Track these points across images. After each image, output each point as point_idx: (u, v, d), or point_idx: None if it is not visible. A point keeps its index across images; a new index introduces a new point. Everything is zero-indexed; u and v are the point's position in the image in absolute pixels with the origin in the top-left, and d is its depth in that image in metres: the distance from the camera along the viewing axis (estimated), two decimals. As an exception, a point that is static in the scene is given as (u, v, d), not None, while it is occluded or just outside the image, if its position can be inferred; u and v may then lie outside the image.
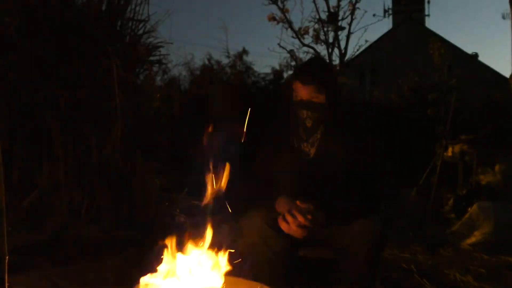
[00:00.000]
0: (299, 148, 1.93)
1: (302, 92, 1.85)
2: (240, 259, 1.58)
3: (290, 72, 7.80)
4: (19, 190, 2.55)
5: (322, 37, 7.53)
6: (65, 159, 2.63)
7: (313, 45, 7.64)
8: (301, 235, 1.71)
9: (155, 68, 3.56)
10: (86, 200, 2.67)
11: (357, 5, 7.37)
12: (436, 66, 5.37)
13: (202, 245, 1.39)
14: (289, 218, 1.71)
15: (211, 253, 1.38)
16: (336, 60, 7.63)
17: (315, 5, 7.45)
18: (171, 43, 3.24)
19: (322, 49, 7.69)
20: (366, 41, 8.02)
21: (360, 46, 7.85)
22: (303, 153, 1.92)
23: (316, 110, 1.85)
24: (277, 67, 7.86)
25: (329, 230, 1.79)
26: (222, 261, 1.38)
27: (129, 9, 3.00)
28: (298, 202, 1.72)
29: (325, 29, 7.49)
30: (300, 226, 1.69)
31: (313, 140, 1.91)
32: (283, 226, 1.73)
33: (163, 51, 3.22)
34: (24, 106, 2.60)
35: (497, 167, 4.46)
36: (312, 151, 1.91)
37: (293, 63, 7.90)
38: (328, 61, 7.12)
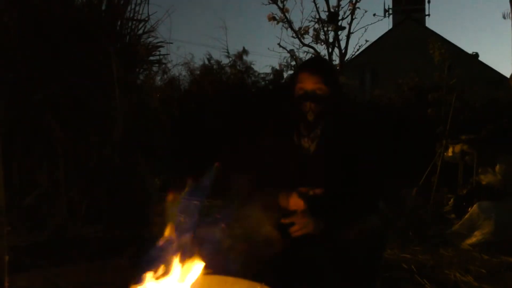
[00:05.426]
0: (299, 144, 1.93)
1: (308, 81, 1.85)
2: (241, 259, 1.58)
3: (290, 72, 7.80)
4: (19, 190, 2.55)
5: (322, 37, 7.54)
6: (65, 158, 2.63)
7: (313, 45, 7.65)
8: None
9: (155, 68, 3.56)
10: (86, 200, 2.67)
11: (357, 5, 7.39)
12: (436, 65, 5.37)
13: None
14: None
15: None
16: (336, 60, 7.63)
17: (315, 5, 7.47)
18: (171, 43, 3.24)
19: (322, 49, 7.70)
20: (366, 41, 8.04)
21: (360, 46, 7.87)
22: (303, 149, 1.92)
23: (319, 103, 1.85)
24: (277, 67, 7.85)
25: (329, 231, 1.79)
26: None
27: (129, 9, 2.99)
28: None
29: (325, 29, 7.50)
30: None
31: (313, 136, 1.91)
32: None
33: (163, 51, 3.22)
34: (24, 106, 2.60)
35: (497, 167, 4.46)
36: (312, 147, 1.91)
37: (293, 63, 7.91)
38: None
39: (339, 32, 7.57)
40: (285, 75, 7.80)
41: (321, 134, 1.90)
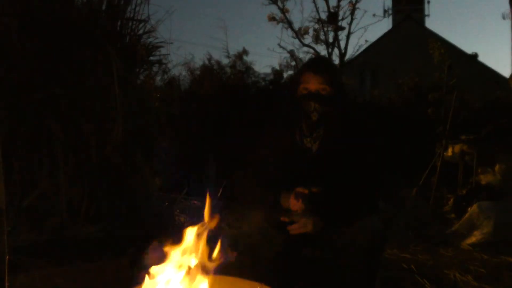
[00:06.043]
0: (301, 143, 1.93)
1: (313, 81, 1.86)
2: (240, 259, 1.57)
3: (290, 72, 7.81)
4: (19, 190, 2.55)
5: (322, 37, 7.55)
6: (65, 159, 2.62)
7: (313, 45, 7.66)
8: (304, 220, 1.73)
9: (155, 68, 3.55)
10: (86, 200, 2.66)
11: (357, 5, 7.39)
12: (436, 65, 5.38)
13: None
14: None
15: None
16: (336, 60, 7.63)
17: (315, 5, 7.48)
18: (171, 43, 3.23)
19: (322, 49, 7.70)
20: (366, 41, 8.04)
21: (360, 46, 7.87)
22: (306, 149, 1.92)
23: (323, 103, 1.85)
24: (277, 67, 7.86)
25: (329, 231, 1.79)
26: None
27: (129, 9, 2.99)
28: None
29: (325, 29, 7.50)
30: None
31: (316, 136, 1.91)
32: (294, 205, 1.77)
33: (163, 51, 3.21)
34: (24, 106, 2.60)
35: (497, 167, 4.46)
36: (315, 147, 1.92)
37: (293, 63, 7.91)
38: (328, 61, 7.10)
39: (339, 32, 7.58)
40: (285, 75, 7.81)
41: (323, 134, 1.91)
